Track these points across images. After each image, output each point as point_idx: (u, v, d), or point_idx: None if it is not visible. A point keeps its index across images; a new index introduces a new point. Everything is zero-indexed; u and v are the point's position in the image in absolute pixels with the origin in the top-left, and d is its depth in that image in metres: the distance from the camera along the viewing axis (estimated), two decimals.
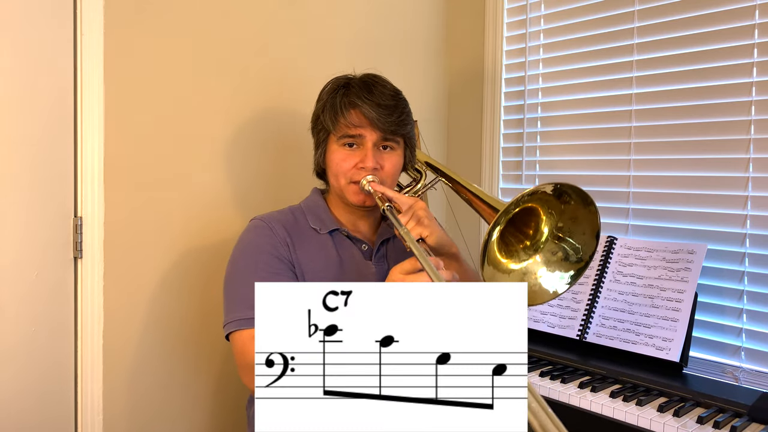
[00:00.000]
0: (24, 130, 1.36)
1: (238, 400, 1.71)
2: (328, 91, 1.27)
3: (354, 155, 1.23)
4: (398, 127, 1.22)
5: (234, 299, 1.19)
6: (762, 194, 1.56)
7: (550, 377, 1.47)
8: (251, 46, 1.72)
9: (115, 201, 1.48)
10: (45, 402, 1.41)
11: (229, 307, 1.19)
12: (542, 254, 1.13)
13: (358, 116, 1.21)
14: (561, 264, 1.13)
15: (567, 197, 1.09)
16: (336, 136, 1.24)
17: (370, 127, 1.21)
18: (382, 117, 1.19)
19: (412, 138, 1.30)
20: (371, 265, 1.28)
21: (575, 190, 1.08)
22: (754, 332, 1.55)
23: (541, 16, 2.03)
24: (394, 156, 1.26)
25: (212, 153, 1.66)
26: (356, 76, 1.27)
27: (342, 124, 1.22)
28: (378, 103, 1.20)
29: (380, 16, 2.06)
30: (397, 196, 1.18)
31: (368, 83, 1.23)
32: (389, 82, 1.28)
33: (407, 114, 1.26)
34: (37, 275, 1.39)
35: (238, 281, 1.20)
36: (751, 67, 1.57)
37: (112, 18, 1.45)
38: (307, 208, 1.32)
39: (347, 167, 1.22)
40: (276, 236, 1.23)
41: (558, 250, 1.13)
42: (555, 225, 1.12)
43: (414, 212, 1.13)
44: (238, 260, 1.23)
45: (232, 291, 1.21)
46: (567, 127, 1.96)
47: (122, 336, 1.51)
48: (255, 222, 1.27)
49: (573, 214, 1.11)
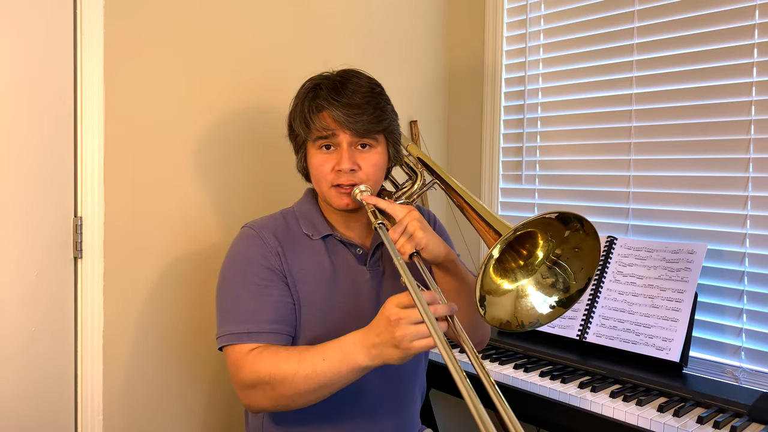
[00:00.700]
0: (24, 130, 1.36)
1: (238, 399, 1.71)
2: (299, 95, 1.23)
3: (331, 158, 1.18)
4: (372, 125, 1.17)
5: (225, 311, 1.18)
6: (762, 194, 1.56)
7: (550, 377, 1.47)
8: (252, 46, 1.72)
9: (115, 201, 1.48)
10: (45, 402, 1.41)
11: (221, 319, 1.18)
12: (534, 276, 1.08)
13: (327, 119, 1.17)
14: (549, 290, 1.08)
15: (576, 225, 1.03)
16: (311, 140, 1.20)
17: (341, 129, 1.17)
18: (352, 117, 1.14)
19: (393, 133, 1.24)
20: (365, 271, 1.25)
21: (583, 221, 1.02)
22: (754, 332, 1.55)
23: (541, 16, 2.03)
24: (373, 154, 1.20)
25: (213, 153, 1.65)
26: (330, 75, 1.23)
27: (313, 129, 1.18)
28: (347, 104, 1.15)
29: (380, 16, 2.06)
30: (389, 206, 1.14)
31: (338, 83, 1.18)
32: (365, 77, 1.22)
33: (382, 110, 1.19)
34: (37, 275, 1.39)
35: (228, 293, 1.19)
36: (751, 67, 1.57)
37: (112, 18, 1.45)
38: (299, 212, 1.28)
39: (326, 171, 1.19)
40: (266, 246, 1.20)
41: (549, 276, 1.08)
42: (552, 250, 1.07)
43: (405, 227, 1.10)
44: (228, 271, 1.21)
45: (222, 302, 1.19)
46: (567, 127, 1.96)
47: (122, 336, 1.51)
48: (246, 230, 1.24)
49: (577, 244, 1.05)
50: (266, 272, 1.18)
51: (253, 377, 1.08)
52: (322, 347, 1.04)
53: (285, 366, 1.05)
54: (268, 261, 1.19)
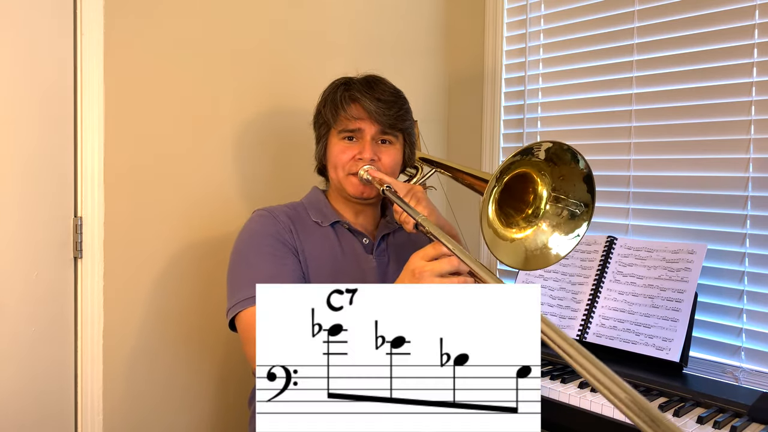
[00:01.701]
0: (24, 129, 1.35)
1: (238, 399, 1.71)
2: (330, 88, 1.32)
3: (353, 148, 1.26)
4: (397, 121, 1.26)
5: (238, 282, 1.18)
6: (762, 194, 1.56)
7: (550, 377, 1.47)
8: (251, 45, 1.72)
9: (115, 201, 1.48)
10: (45, 402, 1.41)
11: (234, 290, 1.18)
12: (547, 220, 1.10)
13: (358, 109, 1.25)
14: (569, 223, 1.09)
15: (553, 157, 1.05)
16: (336, 130, 1.28)
17: (369, 120, 1.25)
18: (381, 110, 1.23)
19: (411, 135, 1.34)
20: (372, 260, 1.30)
21: (552, 147, 1.03)
22: (754, 332, 1.55)
23: (541, 16, 2.03)
24: (392, 150, 1.29)
25: (212, 153, 1.65)
26: (358, 76, 1.32)
27: (342, 118, 1.26)
28: (378, 98, 1.24)
29: (381, 16, 2.06)
30: (394, 182, 1.21)
31: (369, 81, 1.28)
32: (390, 82, 1.32)
33: (406, 110, 1.30)
34: (37, 275, 1.38)
35: (242, 265, 1.20)
36: (751, 67, 1.57)
37: (112, 17, 1.45)
38: (308, 203, 1.34)
39: (346, 159, 1.26)
40: (280, 223, 1.25)
41: (561, 211, 1.09)
42: (551, 186, 1.09)
43: (414, 193, 1.16)
44: (241, 246, 1.24)
45: (236, 276, 1.20)
46: (567, 127, 1.96)
47: (122, 336, 1.50)
48: (258, 212, 1.29)
49: (559, 173, 1.07)
50: (280, 245, 1.22)
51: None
52: None
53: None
54: (282, 236, 1.23)
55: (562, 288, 1.74)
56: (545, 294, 1.77)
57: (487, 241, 1.01)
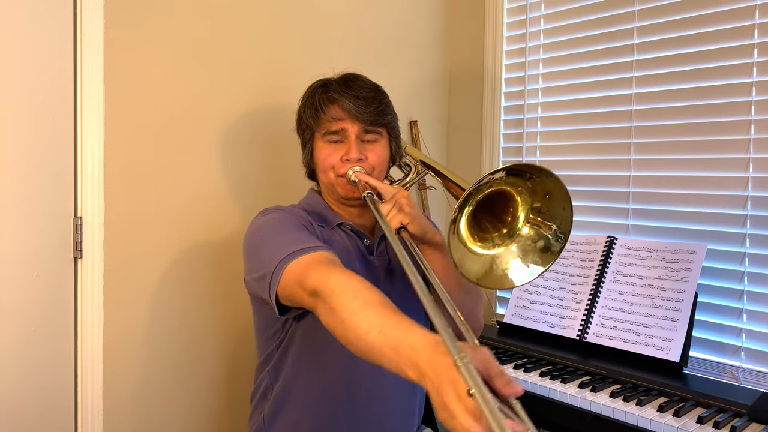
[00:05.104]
0: (24, 130, 1.36)
1: (238, 398, 1.71)
2: (308, 92, 1.31)
3: (339, 149, 1.25)
4: (378, 117, 1.25)
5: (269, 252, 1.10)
6: (762, 194, 1.56)
7: (550, 377, 1.47)
8: (251, 44, 1.72)
9: (115, 201, 1.48)
10: (45, 402, 1.41)
11: (263, 261, 1.10)
12: (519, 243, 1.08)
13: (338, 110, 1.24)
14: (539, 255, 1.07)
15: (528, 175, 1.02)
16: (320, 133, 1.27)
17: (350, 120, 1.24)
18: (360, 108, 1.23)
19: (395, 129, 1.33)
20: (374, 260, 1.30)
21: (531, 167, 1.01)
22: (754, 332, 1.55)
23: (541, 16, 2.03)
24: (377, 147, 1.28)
25: (212, 152, 1.65)
26: (335, 77, 1.31)
27: (323, 120, 1.25)
28: (356, 96, 1.24)
29: (380, 16, 2.06)
30: (380, 185, 1.20)
31: (346, 79, 1.28)
32: (367, 78, 1.31)
33: (386, 105, 1.29)
34: (37, 275, 1.39)
35: (267, 242, 1.14)
36: (751, 67, 1.57)
37: (112, 18, 1.45)
38: (308, 206, 1.33)
39: (333, 161, 1.25)
40: (298, 216, 1.24)
41: (539, 239, 1.07)
42: (530, 207, 1.07)
43: (396, 200, 1.14)
44: (262, 230, 1.19)
45: (262, 253, 1.13)
46: (567, 127, 1.96)
47: (122, 336, 1.51)
48: (267, 208, 1.27)
49: (544, 189, 1.03)
50: (302, 228, 1.20)
51: (316, 285, 0.97)
52: (386, 320, 0.86)
53: (344, 299, 0.92)
54: (302, 222, 1.22)
55: (562, 288, 1.74)
56: (545, 294, 1.77)
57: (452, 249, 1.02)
